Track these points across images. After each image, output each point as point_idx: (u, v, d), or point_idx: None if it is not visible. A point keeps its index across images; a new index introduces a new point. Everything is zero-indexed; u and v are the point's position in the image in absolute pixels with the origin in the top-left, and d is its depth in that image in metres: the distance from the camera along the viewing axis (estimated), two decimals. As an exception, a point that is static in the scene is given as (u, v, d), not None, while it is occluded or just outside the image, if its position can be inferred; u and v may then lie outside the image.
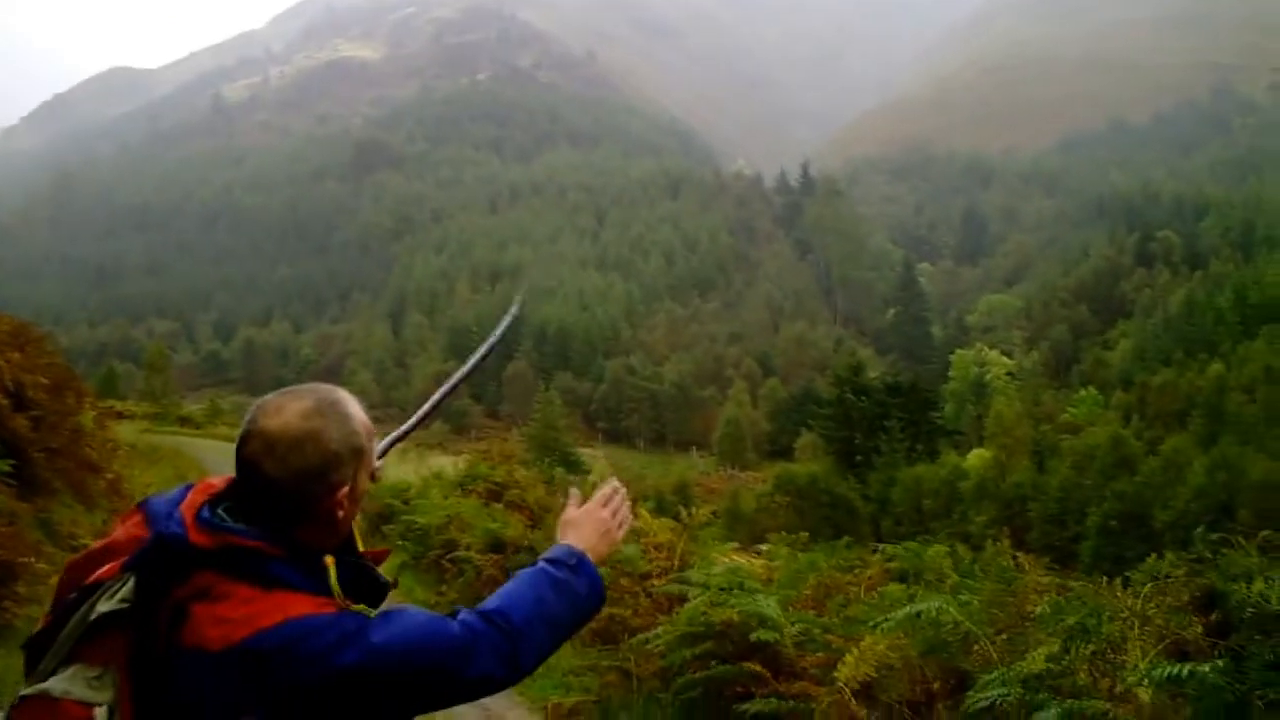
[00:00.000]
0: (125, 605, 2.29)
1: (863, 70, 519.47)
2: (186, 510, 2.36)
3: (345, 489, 2.44)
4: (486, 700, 10.04)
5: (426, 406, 3.62)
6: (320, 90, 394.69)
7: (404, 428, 3.55)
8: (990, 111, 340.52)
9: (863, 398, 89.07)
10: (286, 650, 2.15)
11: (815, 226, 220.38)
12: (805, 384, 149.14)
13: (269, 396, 2.49)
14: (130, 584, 2.31)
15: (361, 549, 2.67)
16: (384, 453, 3.31)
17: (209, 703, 2.14)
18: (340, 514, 2.47)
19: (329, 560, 2.36)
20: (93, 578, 2.40)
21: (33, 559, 10.66)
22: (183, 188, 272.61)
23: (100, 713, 2.20)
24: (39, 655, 2.35)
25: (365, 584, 2.53)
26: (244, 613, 2.18)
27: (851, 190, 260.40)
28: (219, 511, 2.40)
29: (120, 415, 44.22)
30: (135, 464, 23.89)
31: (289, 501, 2.39)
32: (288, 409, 2.41)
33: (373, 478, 2.61)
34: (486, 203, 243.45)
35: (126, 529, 2.47)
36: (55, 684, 2.26)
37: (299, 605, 2.25)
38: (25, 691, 2.27)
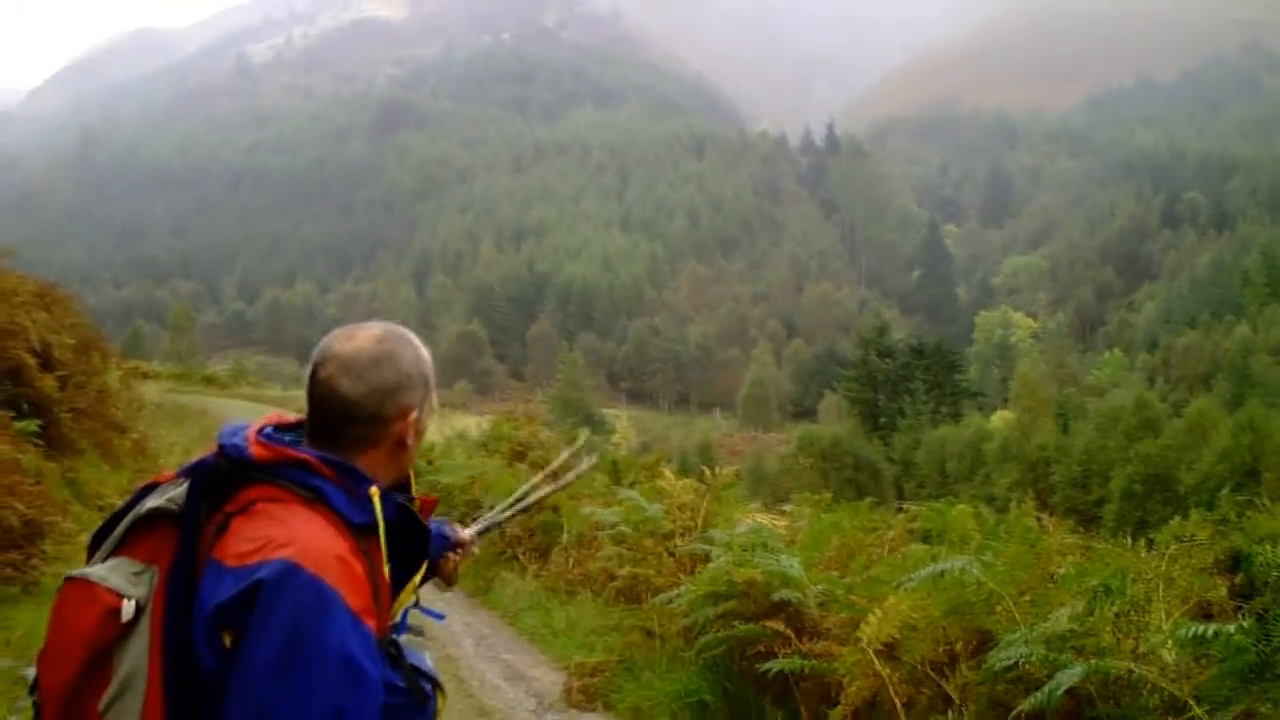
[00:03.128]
0: (172, 506, 2.36)
1: (888, 29, 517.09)
2: (252, 429, 2.42)
3: (414, 415, 2.49)
4: (509, 658, 10.12)
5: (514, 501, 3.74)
6: (344, 50, 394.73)
7: (491, 518, 3.64)
8: (1016, 70, 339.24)
9: (887, 359, 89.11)
10: (268, 587, 2.17)
11: (840, 186, 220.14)
12: (829, 345, 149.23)
13: (334, 331, 2.55)
14: (183, 488, 2.37)
15: (415, 492, 2.68)
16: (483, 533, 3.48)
17: (206, 608, 2.17)
18: (409, 442, 2.51)
19: (374, 492, 2.36)
20: (154, 478, 2.48)
21: (60, 518, 10.74)
22: (207, 148, 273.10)
23: (129, 605, 2.25)
24: (97, 546, 2.44)
25: (408, 526, 2.53)
26: (264, 535, 2.21)
27: (876, 150, 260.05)
28: (284, 435, 2.45)
29: (146, 375, 44.39)
30: (161, 424, 23.99)
31: (362, 420, 2.43)
32: (360, 335, 2.48)
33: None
34: (511, 162, 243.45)
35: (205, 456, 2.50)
36: (97, 570, 2.32)
37: (319, 530, 2.26)
38: (72, 572, 2.34)
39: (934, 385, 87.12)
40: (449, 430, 32.33)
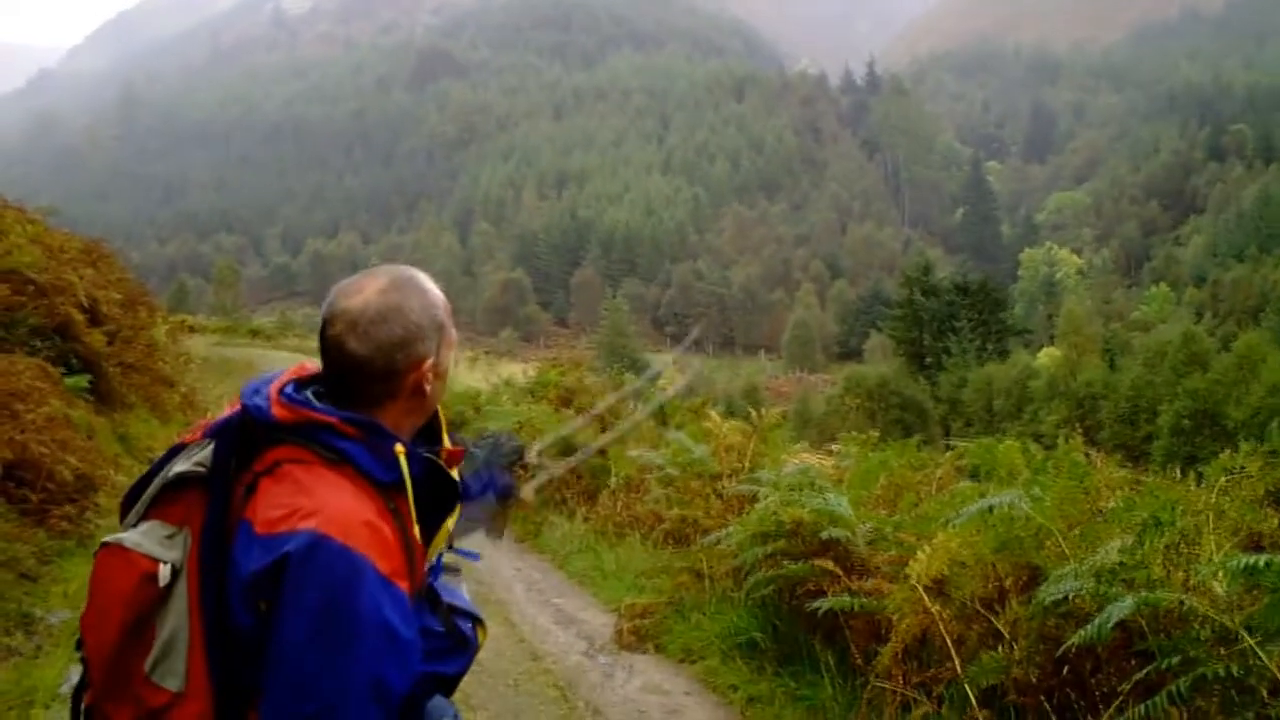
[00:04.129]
0: (200, 469, 2.37)
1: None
2: (274, 387, 2.41)
3: (429, 361, 2.46)
4: (560, 602, 10.18)
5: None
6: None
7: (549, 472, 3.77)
8: (1059, 4, 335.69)
9: (932, 298, 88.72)
10: (296, 560, 2.18)
11: (882, 126, 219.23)
12: (874, 285, 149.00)
13: (343, 281, 2.53)
14: (209, 449, 2.38)
15: (448, 445, 2.67)
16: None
17: (241, 570, 2.19)
18: (426, 388, 2.49)
19: (399, 450, 2.36)
20: (179, 440, 2.49)
21: (112, 471, 10.84)
22: (247, 102, 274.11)
23: (165, 570, 2.27)
24: (129, 509, 2.45)
25: (436, 481, 2.50)
26: (291, 503, 2.21)
27: (918, 88, 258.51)
28: (305, 392, 2.44)
29: (192, 330, 44.69)
30: (208, 377, 24.16)
31: (376, 377, 2.42)
32: (366, 288, 2.45)
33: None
34: (551, 109, 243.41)
35: (232, 407, 2.52)
36: (131, 535, 2.34)
37: (345, 495, 2.26)
38: (107, 538, 2.35)
39: (979, 323, 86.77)
40: (495, 377, 32.42)
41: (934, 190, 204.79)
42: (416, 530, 2.36)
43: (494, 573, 11.93)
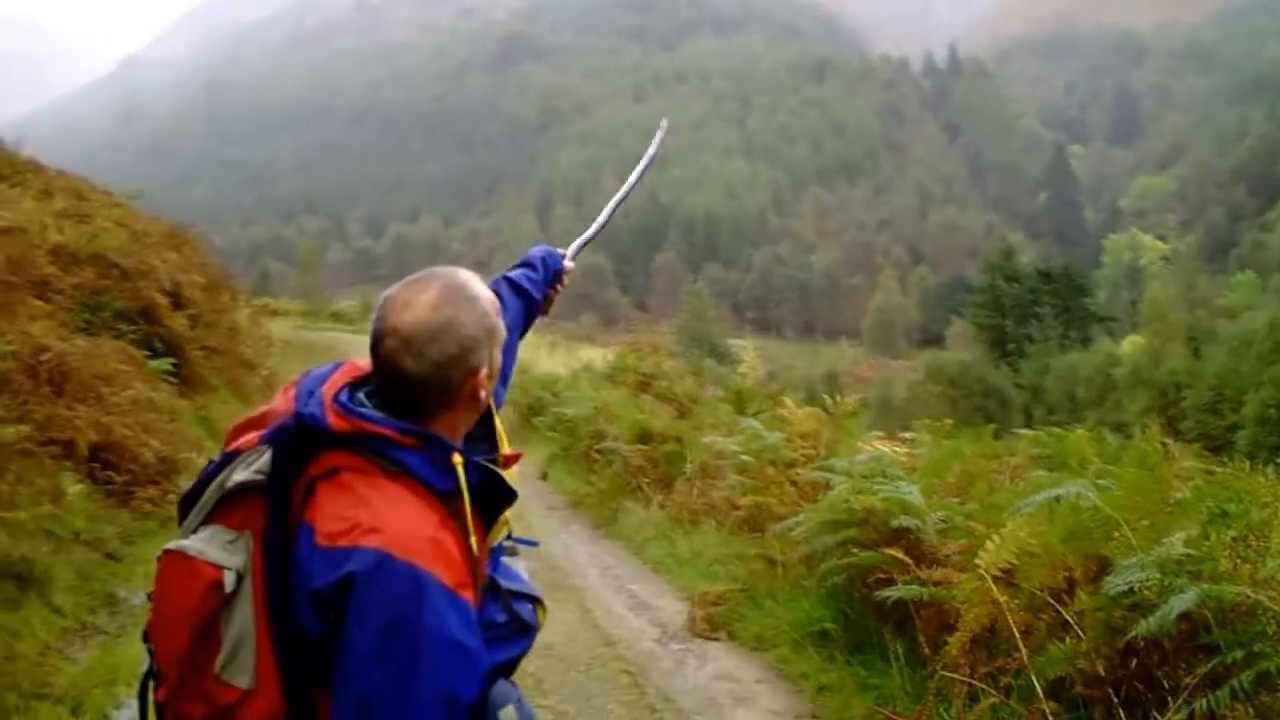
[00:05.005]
0: (260, 477, 2.39)
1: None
2: (328, 391, 2.43)
3: (484, 370, 2.47)
4: (634, 588, 10.24)
5: (605, 213, 3.83)
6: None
7: (589, 234, 3.74)
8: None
9: (1014, 284, 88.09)
10: (362, 580, 2.23)
11: (964, 109, 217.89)
12: (956, 271, 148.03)
13: (393, 290, 2.49)
14: (267, 456, 2.41)
15: (504, 449, 2.70)
16: (574, 255, 3.71)
17: (305, 572, 2.24)
18: (482, 394, 2.51)
19: (457, 459, 2.40)
20: (234, 445, 2.52)
21: (194, 454, 10.98)
22: (329, 87, 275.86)
23: (229, 576, 2.30)
24: (186, 512, 2.49)
25: (492, 487, 2.52)
26: (353, 517, 2.23)
27: (1000, 71, 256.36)
28: (359, 396, 2.46)
29: (274, 313, 45.07)
30: (290, 360, 24.32)
31: (432, 392, 2.42)
32: (416, 302, 2.41)
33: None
34: (631, 92, 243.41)
35: (284, 399, 2.54)
36: (193, 542, 2.37)
37: (407, 510, 2.27)
38: (168, 545, 2.39)
39: (1062, 310, 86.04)
40: (574, 362, 32.50)
41: (1016, 175, 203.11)
42: (474, 541, 2.38)
43: (569, 558, 12.02)
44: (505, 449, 2.70)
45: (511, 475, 2.60)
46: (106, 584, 7.87)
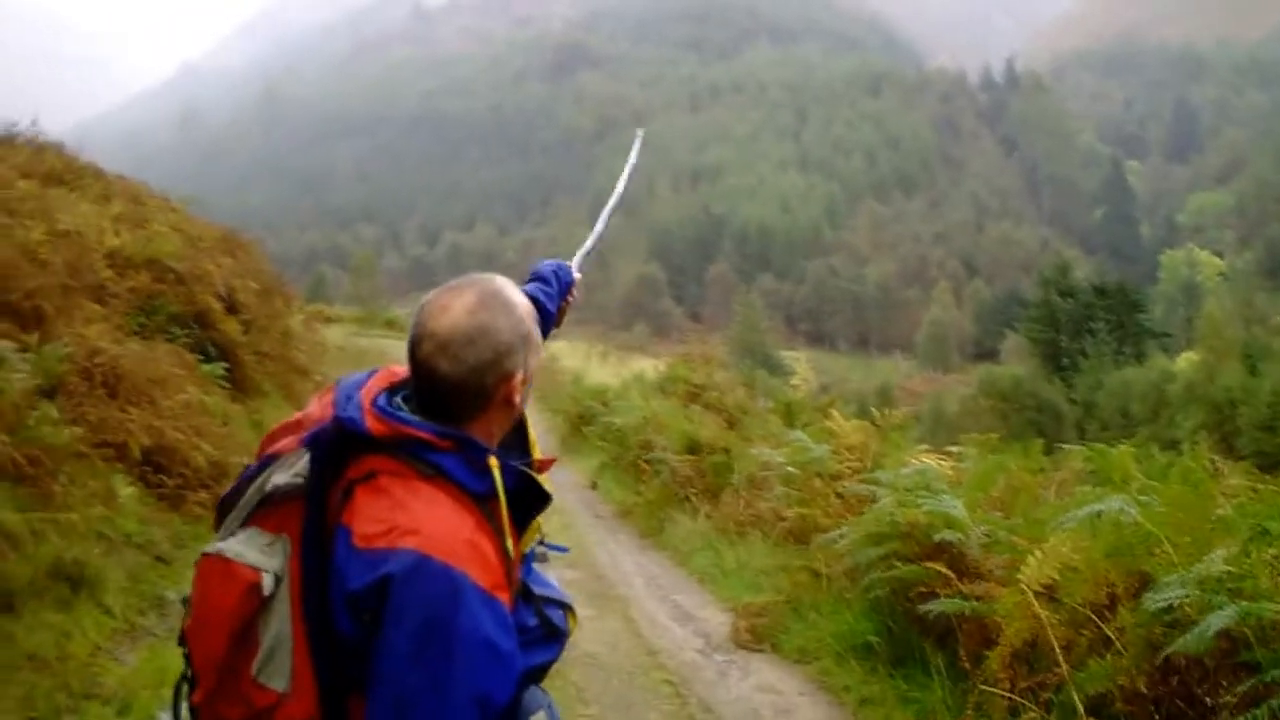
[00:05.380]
0: (299, 480, 2.43)
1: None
2: (366, 395, 2.46)
3: (519, 375, 2.50)
4: (679, 598, 10.27)
5: (600, 225, 3.88)
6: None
7: (588, 245, 3.81)
8: (1201, 1, 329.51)
9: (1069, 299, 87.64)
10: (399, 581, 2.27)
11: (1021, 124, 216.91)
12: (1011, 285, 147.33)
13: (431, 295, 2.54)
14: (305, 460, 2.44)
15: (536, 455, 2.72)
16: (579, 266, 3.69)
17: (341, 576, 2.28)
18: (516, 399, 2.53)
19: (493, 462, 2.44)
20: (273, 449, 2.56)
21: (245, 459, 11.05)
22: (386, 95, 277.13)
23: (267, 578, 2.33)
24: (224, 515, 2.52)
25: (527, 491, 2.54)
26: (390, 519, 2.26)
27: (1058, 86, 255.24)
28: (396, 400, 2.50)
29: (329, 319, 45.33)
30: (343, 366, 24.38)
31: (468, 396, 2.46)
32: (453, 307, 2.46)
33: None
34: (686, 102, 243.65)
35: (321, 405, 2.59)
36: (231, 545, 2.40)
37: (444, 512, 2.31)
38: (206, 548, 2.42)
39: (1117, 325, 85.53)
40: (626, 372, 32.58)
41: (1073, 189, 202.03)
42: (510, 543, 2.41)
43: (615, 567, 12.06)
44: (538, 454, 2.73)
45: (546, 479, 2.62)
46: (156, 586, 7.96)
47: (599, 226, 3.89)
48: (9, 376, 7.75)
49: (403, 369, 2.56)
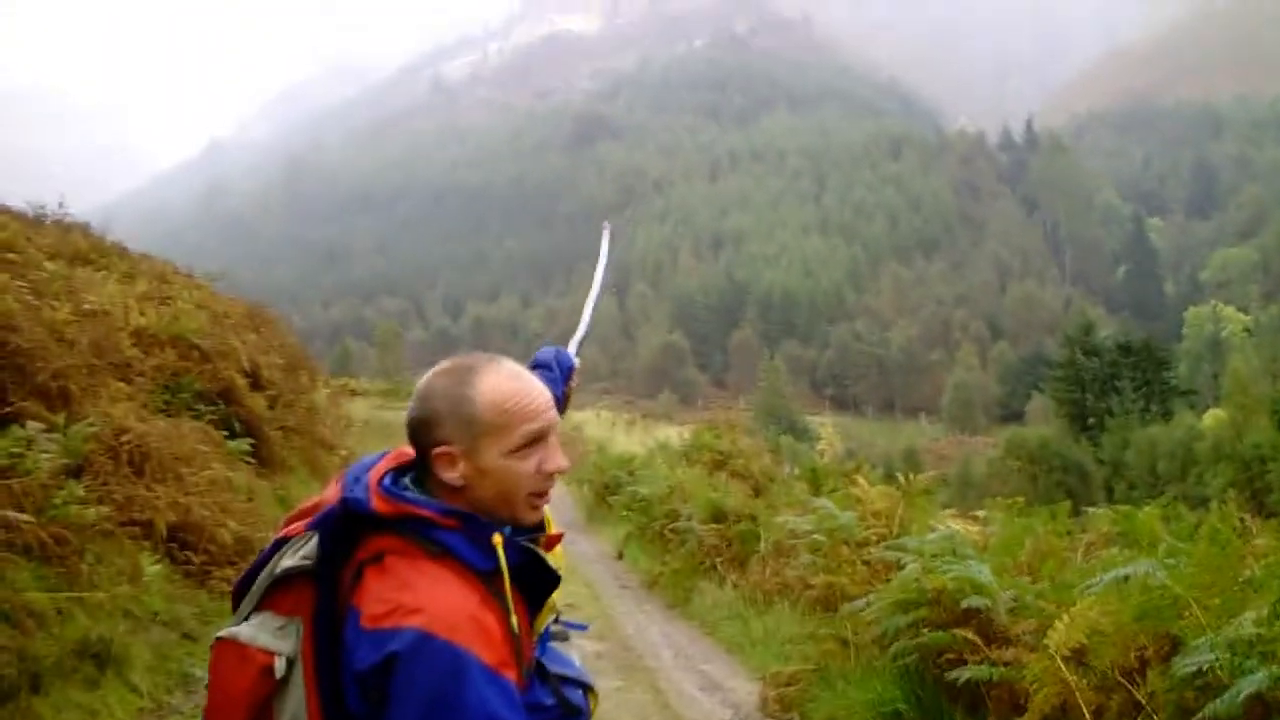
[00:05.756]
0: (307, 562, 2.45)
1: (1083, 21, 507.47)
2: (373, 477, 2.48)
3: (446, 449, 2.47)
4: (707, 668, 10.23)
5: (587, 314, 3.89)
6: (539, 64, 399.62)
7: (581, 333, 3.81)
8: (1219, 58, 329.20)
9: (1094, 358, 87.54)
10: (403, 660, 2.28)
11: (1041, 183, 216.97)
12: (1035, 345, 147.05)
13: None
14: (313, 542, 2.47)
15: (550, 529, 2.70)
16: (577, 352, 3.65)
17: (353, 667, 2.30)
18: (450, 476, 2.48)
19: (497, 539, 2.45)
20: (283, 532, 2.58)
21: (271, 534, 11.05)
22: (408, 168, 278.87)
23: (280, 662, 2.36)
24: (240, 599, 2.55)
25: (535, 570, 2.55)
26: (395, 599, 2.28)
27: (1077, 145, 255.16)
28: (404, 480, 2.52)
29: (354, 393, 45.53)
30: (368, 440, 24.48)
31: (417, 448, 2.51)
32: (434, 367, 2.59)
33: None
34: (707, 170, 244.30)
35: (335, 489, 2.58)
36: (244, 629, 2.43)
37: (448, 591, 2.31)
38: (220, 632, 2.45)
39: (1143, 384, 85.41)
40: (651, 440, 32.63)
41: (1094, 248, 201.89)
42: (515, 620, 2.41)
43: (642, 638, 12.03)
44: (551, 529, 2.72)
45: (557, 556, 2.64)
46: (183, 664, 7.97)
47: (586, 317, 3.90)
48: (36, 456, 7.79)
49: (412, 450, 2.58)
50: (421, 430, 2.49)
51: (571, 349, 3.66)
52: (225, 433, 13.16)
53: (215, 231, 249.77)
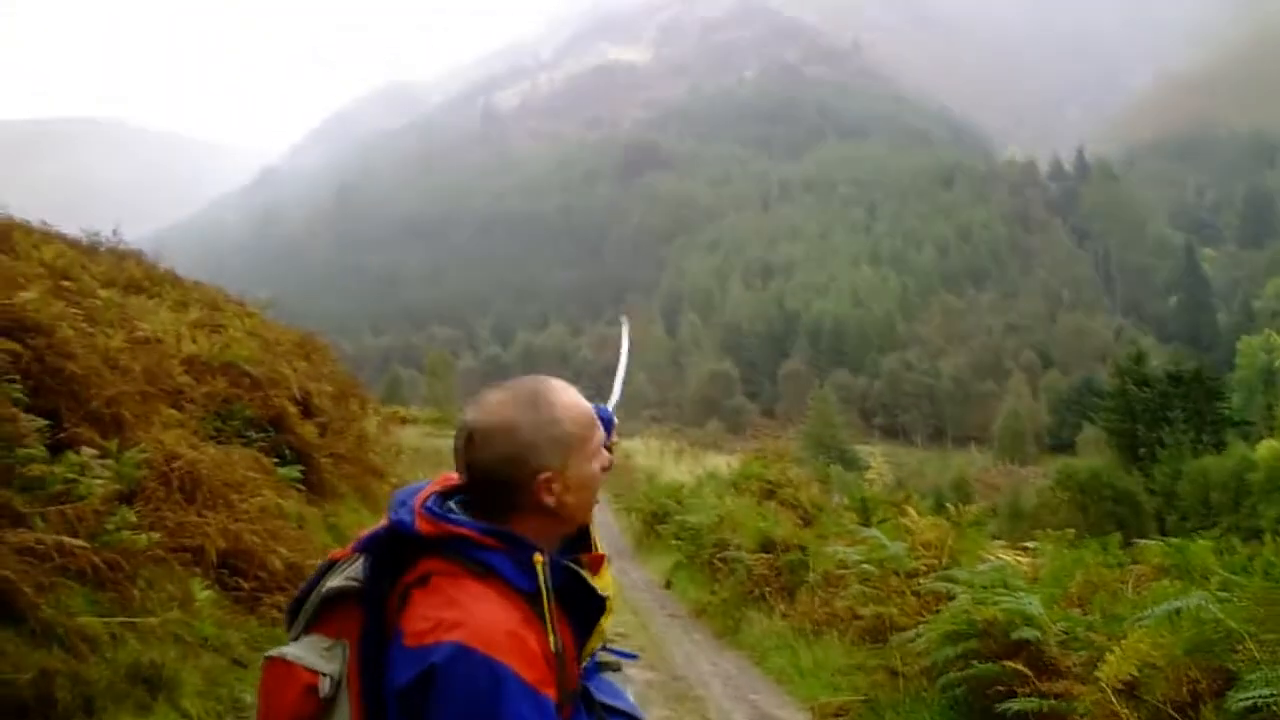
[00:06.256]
0: (352, 583, 2.50)
1: (1134, 49, 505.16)
2: (418, 500, 2.52)
3: (546, 475, 2.51)
4: (756, 699, 10.20)
5: (618, 387, 3.86)
6: (589, 94, 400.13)
7: (614, 400, 3.78)
8: (1272, 86, 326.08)
9: (1145, 388, 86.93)
10: (442, 672, 2.29)
11: (1092, 213, 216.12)
12: (1086, 375, 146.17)
13: (479, 393, 2.64)
14: (359, 564, 2.52)
15: (598, 550, 2.74)
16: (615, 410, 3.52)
17: (394, 685, 2.31)
18: (548, 500, 2.53)
19: (538, 559, 2.47)
20: (332, 555, 2.65)
21: (321, 562, 11.12)
22: (458, 197, 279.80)
23: (324, 682, 2.41)
24: (293, 620, 2.61)
25: (579, 591, 2.56)
26: (437, 616, 2.31)
27: (1128, 174, 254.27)
28: (448, 503, 2.55)
29: (404, 420, 45.61)
30: (419, 468, 24.53)
31: (497, 489, 2.51)
32: (486, 401, 2.56)
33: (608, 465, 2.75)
34: (757, 200, 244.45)
35: (387, 517, 2.65)
36: (292, 649, 2.48)
37: (489, 607, 2.34)
38: (270, 652, 2.51)
39: (1195, 414, 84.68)
40: (700, 469, 32.57)
41: (1146, 277, 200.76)
42: (553, 639, 2.41)
43: (691, 668, 12.00)
44: (598, 549, 2.75)
45: (606, 580, 2.66)
46: (234, 689, 7.99)
47: (617, 388, 3.89)
48: (90, 482, 7.85)
49: (457, 475, 2.61)
50: (514, 466, 2.50)
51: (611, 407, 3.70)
52: (276, 460, 13.21)
53: (266, 257, 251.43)
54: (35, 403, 8.26)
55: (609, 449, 3.05)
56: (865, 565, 11.26)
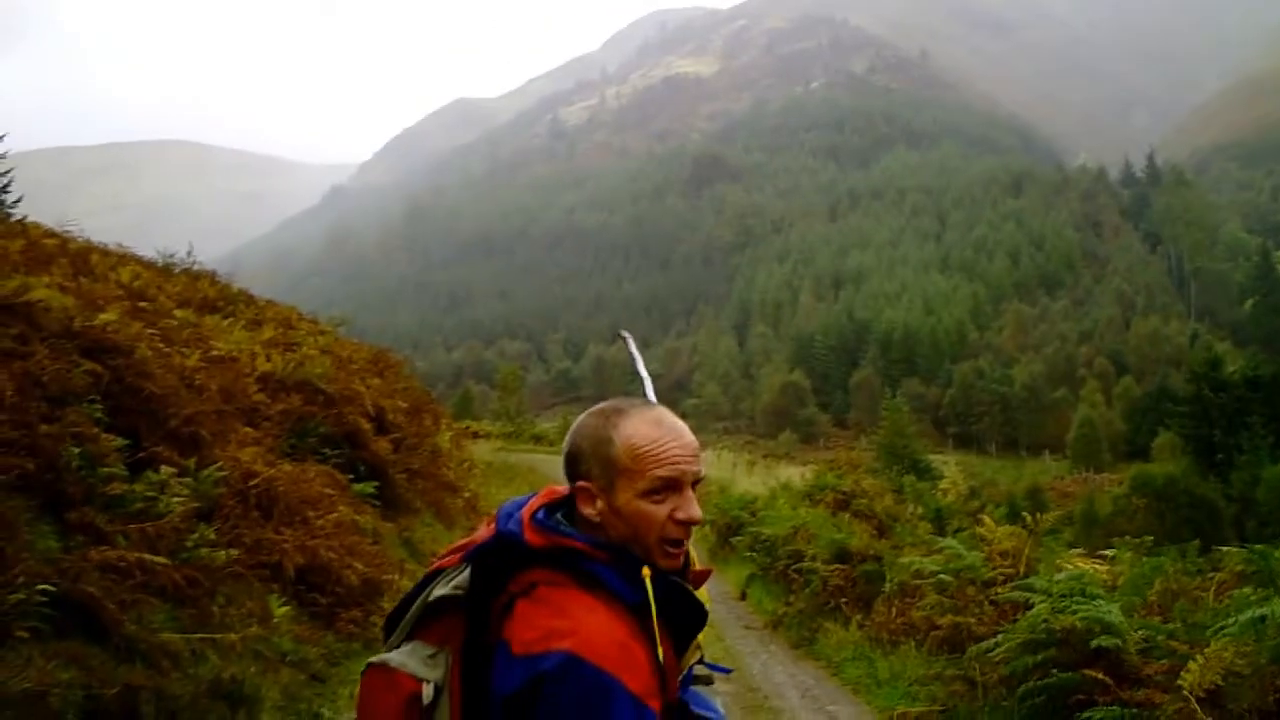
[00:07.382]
0: (458, 592, 2.52)
1: (1203, 53, 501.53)
2: (526, 512, 2.55)
3: (586, 484, 2.54)
4: (833, 709, 10.17)
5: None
6: (656, 107, 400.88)
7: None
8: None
9: (1221, 393, 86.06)
10: (551, 680, 2.31)
11: (1164, 218, 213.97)
12: (1161, 381, 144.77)
13: None
14: (466, 573, 2.54)
15: (695, 566, 2.73)
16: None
17: (499, 691, 2.34)
18: (589, 512, 2.55)
19: (646, 573, 2.48)
20: (436, 564, 2.66)
21: (397, 576, 11.21)
22: (526, 212, 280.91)
23: (428, 689, 2.42)
24: (391, 630, 2.62)
25: (682, 605, 2.57)
26: (548, 625, 2.32)
27: (1201, 178, 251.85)
28: (556, 516, 2.58)
29: (476, 435, 45.77)
30: (491, 482, 24.64)
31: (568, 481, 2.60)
32: (592, 408, 2.66)
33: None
34: (826, 210, 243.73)
35: (486, 529, 2.66)
36: (395, 656, 2.50)
37: (599, 618, 2.35)
38: (372, 659, 2.53)
39: (1273, 418, 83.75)
40: (773, 481, 32.45)
41: (1220, 281, 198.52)
42: (661, 651, 2.44)
43: (768, 679, 11.98)
44: (696, 565, 2.74)
45: (704, 594, 2.67)
46: (312, 704, 8.05)
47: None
48: (169, 500, 7.93)
49: (563, 488, 2.65)
50: (568, 464, 2.59)
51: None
52: (350, 476, 13.32)
53: (339, 275, 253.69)
54: (115, 422, 8.35)
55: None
56: (942, 575, 11.21)
